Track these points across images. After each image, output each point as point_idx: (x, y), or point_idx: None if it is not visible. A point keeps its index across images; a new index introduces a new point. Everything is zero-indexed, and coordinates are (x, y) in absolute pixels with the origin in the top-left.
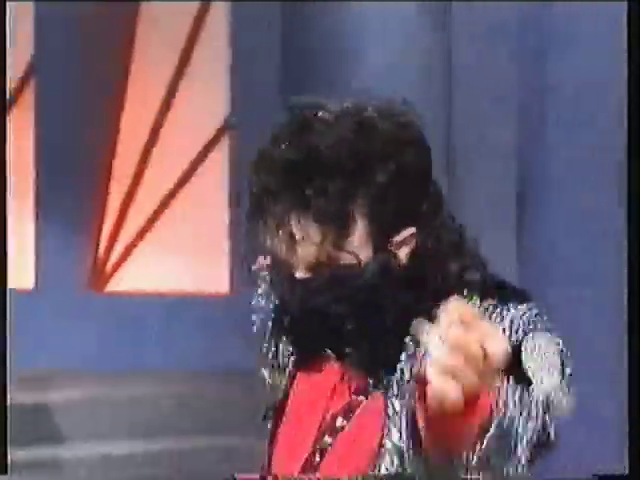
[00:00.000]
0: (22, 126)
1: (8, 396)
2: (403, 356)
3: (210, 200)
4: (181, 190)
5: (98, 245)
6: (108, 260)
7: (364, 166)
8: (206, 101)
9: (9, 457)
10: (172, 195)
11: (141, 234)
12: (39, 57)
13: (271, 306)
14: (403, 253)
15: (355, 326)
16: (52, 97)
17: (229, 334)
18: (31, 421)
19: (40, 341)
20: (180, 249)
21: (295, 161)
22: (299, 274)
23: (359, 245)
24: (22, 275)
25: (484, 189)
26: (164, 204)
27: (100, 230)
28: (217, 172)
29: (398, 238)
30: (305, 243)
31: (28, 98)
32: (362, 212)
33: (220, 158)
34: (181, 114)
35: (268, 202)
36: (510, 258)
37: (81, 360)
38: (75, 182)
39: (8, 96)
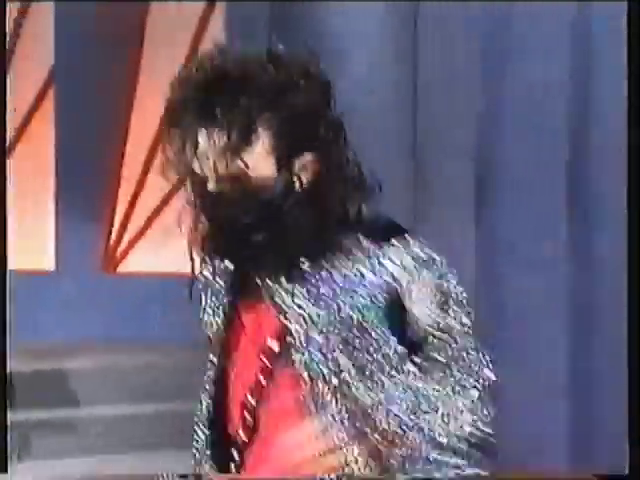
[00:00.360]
0: (43, 123)
1: (8, 400)
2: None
3: None
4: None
5: (110, 233)
6: (119, 246)
7: (272, 90)
8: None
9: (9, 456)
10: (176, 188)
11: (147, 223)
12: (58, 63)
13: None
14: (305, 177)
15: (261, 238)
16: (70, 98)
17: None
18: (49, 385)
19: (59, 316)
20: (182, 236)
21: (208, 80)
22: (211, 187)
23: (261, 158)
24: (44, 258)
25: (449, 188)
26: (168, 197)
27: (112, 220)
28: None
29: (300, 162)
30: (211, 152)
31: (49, 99)
32: (267, 129)
33: None
34: None
35: (180, 115)
36: (470, 257)
37: (94, 333)
38: (90, 179)
39: (32, 100)
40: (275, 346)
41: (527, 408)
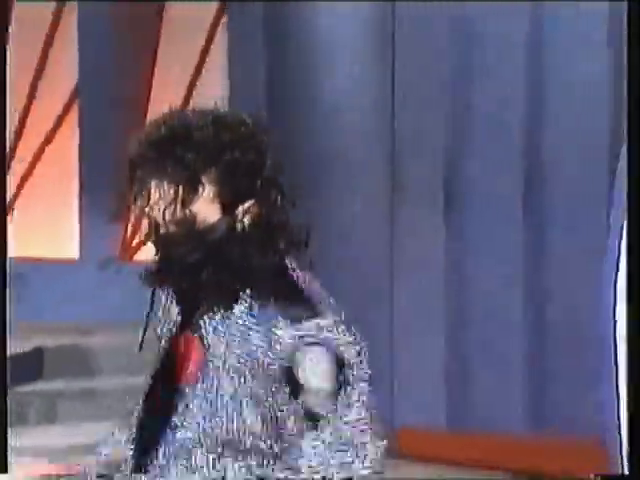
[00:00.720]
0: (68, 132)
1: (8, 400)
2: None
3: None
4: None
5: (127, 227)
6: (134, 238)
7: (214, 148)
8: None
9: (9, 456)
10: None
11: None
12: (81, 80)
13: None
14: (246, 220)
15: (208, 275)
16: (92, 110)
17: None
18: (72, 359)
19: (82, 299)
20: None
21: (158, 140)
22: (162, 230)
23: (206, 206)
24: (69, 249)
25: (424, 190)
26: None
27: (128, 215)
28: None
29: (241, 207)
30: (162, 202)
31: (74, 112)
32: (211, 182)
33: None
34: None
35: (135, 171)
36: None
37: (113, 313)
38: (109, 179)
39: (59, 112)
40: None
41: (491, 388)
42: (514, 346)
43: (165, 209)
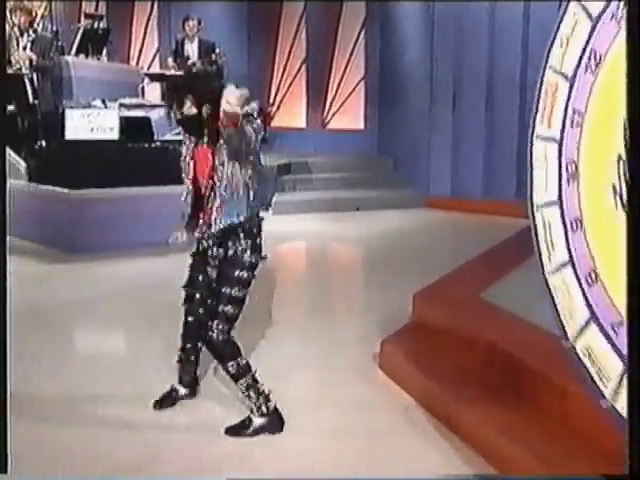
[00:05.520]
0: (298, 90)
1: (8, 398)
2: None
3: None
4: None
5: (324, 109)
6: (328, 115)
7: (200, 84)
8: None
9: (10, 456)
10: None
11: (339, 107)
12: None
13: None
14: (206, 112)
15: (197, 129)
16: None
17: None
18: None
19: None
20: (351, 112)
21: (182, 81)
22: (181, 115)
23: (190, 108)
24: (299, 120)
25: (443, 100)
26: (349, 95)
27: (325, 102)
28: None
29: (204, 108)
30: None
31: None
32: (190, 100)
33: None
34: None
35: (175, 94)
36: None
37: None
38: (319, 87)
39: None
40: (213, 161)
41: (468, 173)
42: (478, 149)
43: (179, 107)
